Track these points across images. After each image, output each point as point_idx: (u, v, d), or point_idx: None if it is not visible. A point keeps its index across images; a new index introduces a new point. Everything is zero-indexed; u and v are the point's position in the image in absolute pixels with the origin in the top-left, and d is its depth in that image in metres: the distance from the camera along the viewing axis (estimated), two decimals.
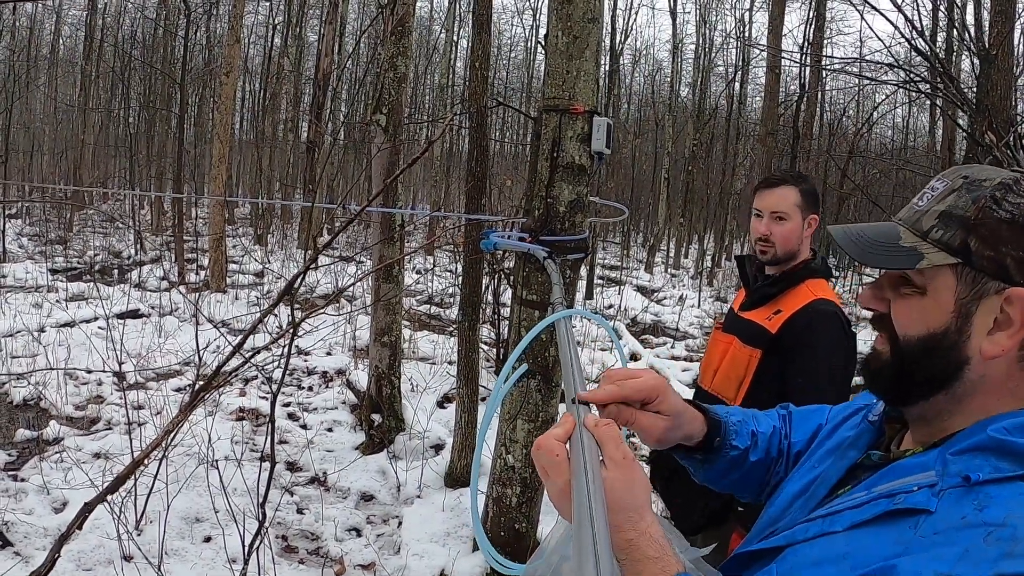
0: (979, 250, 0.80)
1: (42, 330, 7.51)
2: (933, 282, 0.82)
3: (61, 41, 24.53)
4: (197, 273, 12.16)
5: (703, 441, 1.09)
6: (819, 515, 0.85)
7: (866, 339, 3.43)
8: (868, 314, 0.94)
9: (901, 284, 0.86)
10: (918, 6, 11.84)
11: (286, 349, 2.67)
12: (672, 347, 9.52)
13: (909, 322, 0.85)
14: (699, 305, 13.02)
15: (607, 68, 17.84)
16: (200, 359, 3.40)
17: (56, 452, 4.76)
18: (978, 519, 0.70)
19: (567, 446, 0.82)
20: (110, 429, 5.28)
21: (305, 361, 7.22)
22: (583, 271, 12.28)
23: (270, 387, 3.09)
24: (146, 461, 2.47)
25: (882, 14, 5.18)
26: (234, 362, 2.44)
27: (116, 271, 12.17)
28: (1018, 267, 0.79)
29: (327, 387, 6.65)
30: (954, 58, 10.93)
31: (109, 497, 2.44)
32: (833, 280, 2.40)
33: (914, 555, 0.71)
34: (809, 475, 0.99)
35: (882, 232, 0.88)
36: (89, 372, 6.39)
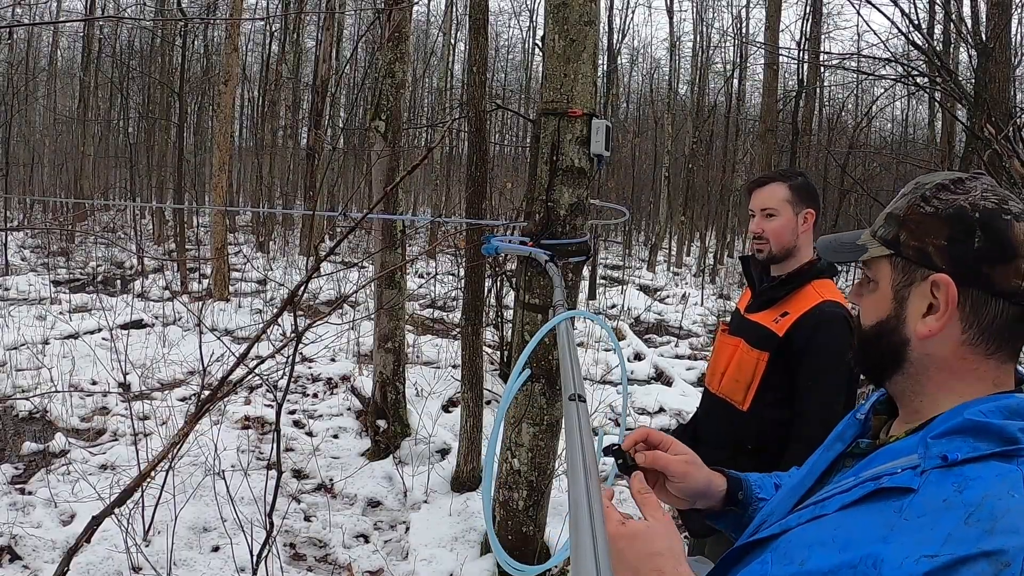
0: (906, 241, 0.91)
1: (46, 342, 7.53)
2: (878, 274, 0.94)
3: (59, 53, 24.57)
4: (200, 282, 12.18)
5: (728, 495, 1.18)
6: (811, 502, 0.91)
7: None
8: None
9: (866, 282, 0.97)
10: (914, 0, 11.82)
11: (290, 357, 2.68)
12: (676, 346, 9.52)
13: (867, 313, 0.97)
14: (702, 303, 13.02)
15: (605, 68, 17.85)
16: (204, 369, 3.41)
17: (63, 464, 4.76)
18: (958, 500, 0.75)
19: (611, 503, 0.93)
20: (116, 440, 5.29)
21: (309, 368, 7.22)
22: (585, 272, 12.28)
23: (275, 395, 3.10)
24: (153, 473, 2.48)
25: (878, 8, 5.19)
26: (239, 372, 2.45)
27: (119, 282, 12.19)
28: (939, 254, 0.87)
29: (332, 394, 6.66)
30: (951, 51, 10.91)
31: (117, 509, 2.45)
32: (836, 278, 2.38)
33: (900, 539, 0.75)
34: (801, 472, 1.05)
35: (852, 236, 1.01)
36: (94, 383, 6.41)
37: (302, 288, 2.30)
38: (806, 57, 13.07)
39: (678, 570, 0.85)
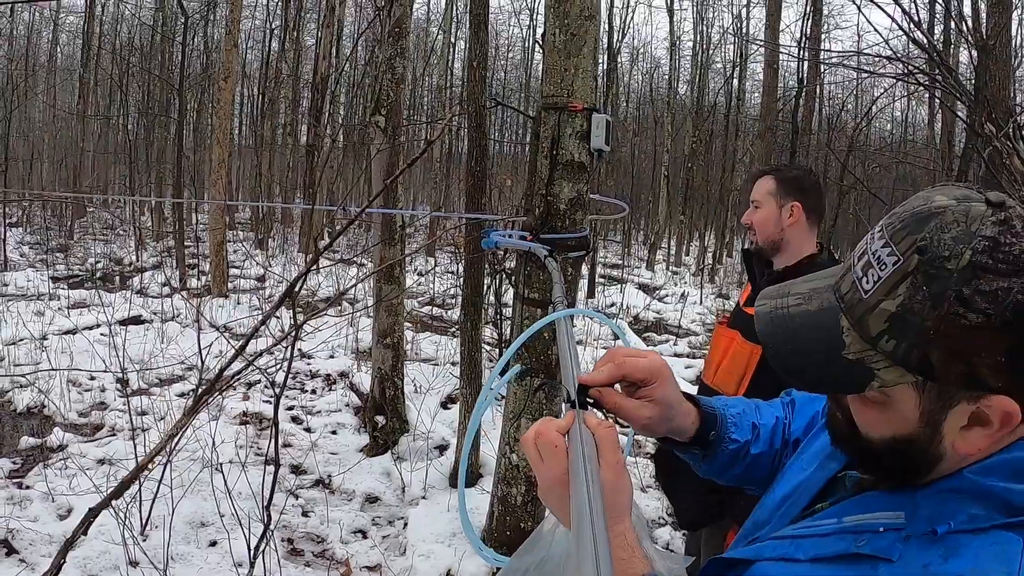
0: (945, 365, 0.66)
1: (45, 338, 7.51)
2: (893, 394, 0.71)
3: (59, 49, 24.57)
4: (198, 278, 12.17)
5: (696, 436, 1.03)
6: (788, 535, 0.82)
7: None
8: None
9: None
10: None
11: (289, 352, 2.67)
12: (675, 344, 9.52)
13: (870, 424, 0.75)
14: (701, 302, 13.02)
15: (605, 67, 17.83)
16: (203, 363, 3.40)
17: (60, 459, 4.75)
18: (940, 571, 0.64)
19: (567, 439, 0.82)
20: (114, 435, 5.28)
21: (308, 364, 7.21)
22: (584, 270, 12.28)
23: (273, 390, 3.10)
24: (150, 465, 2.47)
25: (880, 6, 5.19)
26: (237, 365, 2.44)
27: (117, 278, 12.17)
28: (994, 373, 0.65)
29: (330, 390, 6.65)
30: (952, 50, 10.91)
31: (114, 502, 2.44)
32: None
33: None
34: (797, 478, 0.95)
35: (820, 330, 0.74)
36: (92, 379, 6.39)
37: (301, 279, 2.29)
38: (806, 55, 13.06)
39: (613, 528, 0.74)
